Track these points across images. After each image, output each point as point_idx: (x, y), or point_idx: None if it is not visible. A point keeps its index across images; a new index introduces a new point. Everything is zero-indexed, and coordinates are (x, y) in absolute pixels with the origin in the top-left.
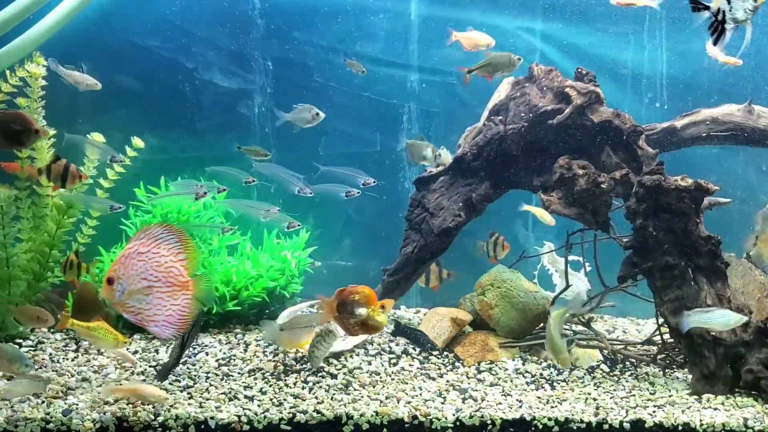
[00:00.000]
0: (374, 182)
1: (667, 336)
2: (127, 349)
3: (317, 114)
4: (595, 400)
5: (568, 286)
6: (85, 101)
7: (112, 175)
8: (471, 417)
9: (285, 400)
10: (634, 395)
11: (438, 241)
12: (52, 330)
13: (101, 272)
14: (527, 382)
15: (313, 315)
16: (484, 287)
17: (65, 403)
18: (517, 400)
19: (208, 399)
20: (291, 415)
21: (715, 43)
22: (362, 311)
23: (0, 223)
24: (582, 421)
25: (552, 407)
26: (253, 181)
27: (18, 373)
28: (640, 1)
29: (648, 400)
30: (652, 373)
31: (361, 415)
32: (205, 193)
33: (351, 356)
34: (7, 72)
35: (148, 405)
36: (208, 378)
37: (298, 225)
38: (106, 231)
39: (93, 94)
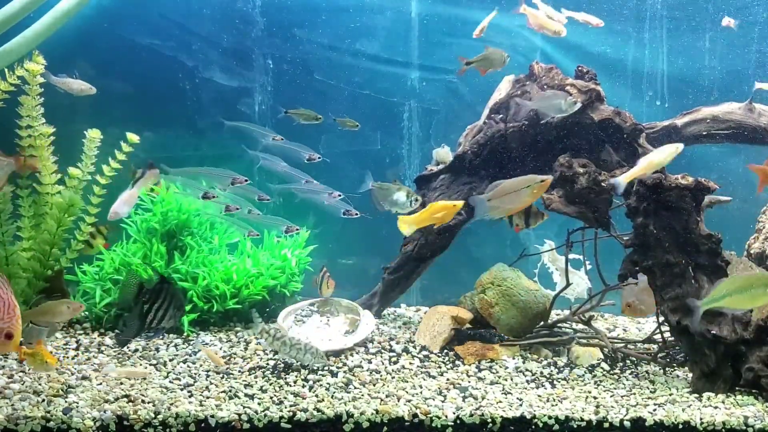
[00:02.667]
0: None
1: (667, 334)
2: (128, 347)
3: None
4: (595, 398)
5: (568, 284)
6: (84, 98)
7: (109, 171)
8: (471, 415)
9: (285, 398)
10: (634, 393)
11: (438, 240)
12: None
13: (101, 270)
14: (527, 381)
15: (518, 180)
16: (484, 285)
17: (66, 402)
18: (517, 398)
19: (208, 397)
20: (291, 413)
21: None
22: None
23: None
24: (582, 420)
25: (552, 405)
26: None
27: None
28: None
29: (648, 398)
30: (653, 371)
31: (362, 414)
32: (214, 196)
33: (351, 355)
34: (6, 71)
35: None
36: (208, 376)
37: (297, 229)
38: None
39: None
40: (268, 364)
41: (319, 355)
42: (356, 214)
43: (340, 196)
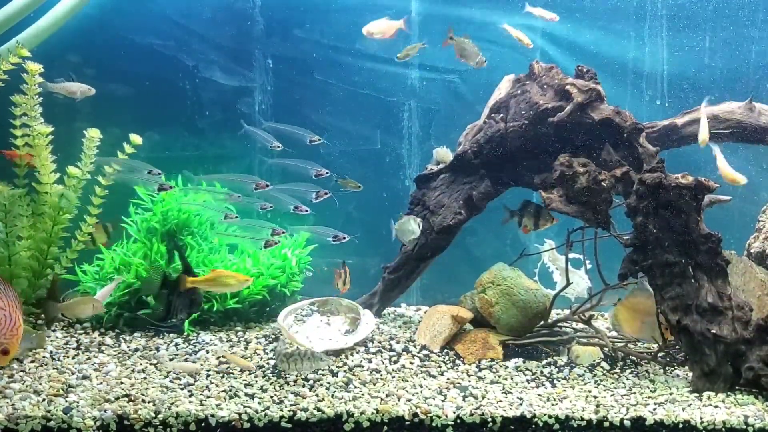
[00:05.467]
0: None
1: (667, 333)
2: (128, 347)
3: None
4: (595, 397)
5: (568, 283)
6: (84, 98)
7: (111, 172)
8: (471, 415)
9: (285, 397)
10: (634, 393)
11: (438, 239)
12: (52, 329)
13: (102, 270)
14: (528, 380)
15: None
16: (484, 285)
17: (66, 401)
18: (517, 397)
19: (208, 397)
20: (291, 412)
21: None
22: None
23: (3, 220)
24: (582, 419)
25: (552, 405)
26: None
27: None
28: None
29: (648, 397)
30: (653, 370)
31: (362, 413)
32: (171, 186)
33: (351, 354)
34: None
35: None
36: (208, 376)
37: (280, 236)
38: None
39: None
40: (268, 363)
41: (317, 357)
42: (344, 238)
43: (327, 194)
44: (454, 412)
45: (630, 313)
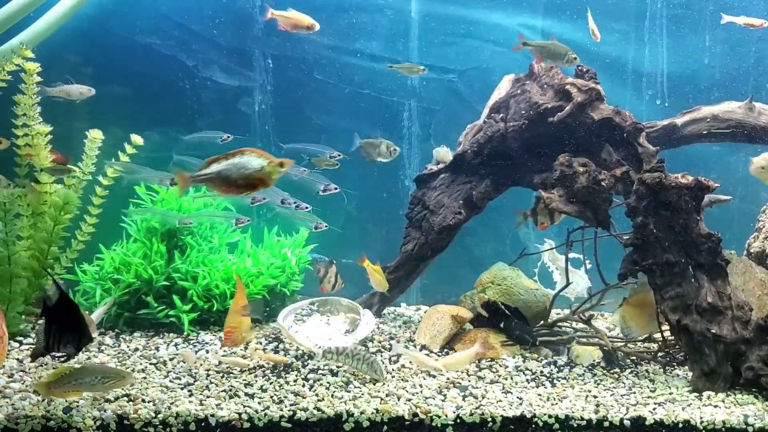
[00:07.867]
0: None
1: (667, 333)
2: (128, 347)
3: None
4: (595, 397)
5: (568, 283)
6: (84, 98)
7: (112, 173)
8: (471, 414)
9: (285, 397)
10: (634, 393)
11: (438, 239)
12: None
13: (102, 269)
14: (528, 380)
15: None
16: (484, 285)
17: (66, 401)
18: (517, 397)
19: (208, 396)
20: (291, 412)
21: None
22: None
23: (2, 220)
24: (582, 419)
25: (552, 405)
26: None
27: None
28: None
29: (648, 397)
30: (653, 370)
31: (362, 413)
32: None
33: None
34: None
35: (149, 403)
36: (208, 375)
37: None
38: (106, 229)
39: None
40: (268, 363)
41: (378, 369)
42: (325, 227)
43: (307, 208)
44: (454, 412)
45: (636, 310)
